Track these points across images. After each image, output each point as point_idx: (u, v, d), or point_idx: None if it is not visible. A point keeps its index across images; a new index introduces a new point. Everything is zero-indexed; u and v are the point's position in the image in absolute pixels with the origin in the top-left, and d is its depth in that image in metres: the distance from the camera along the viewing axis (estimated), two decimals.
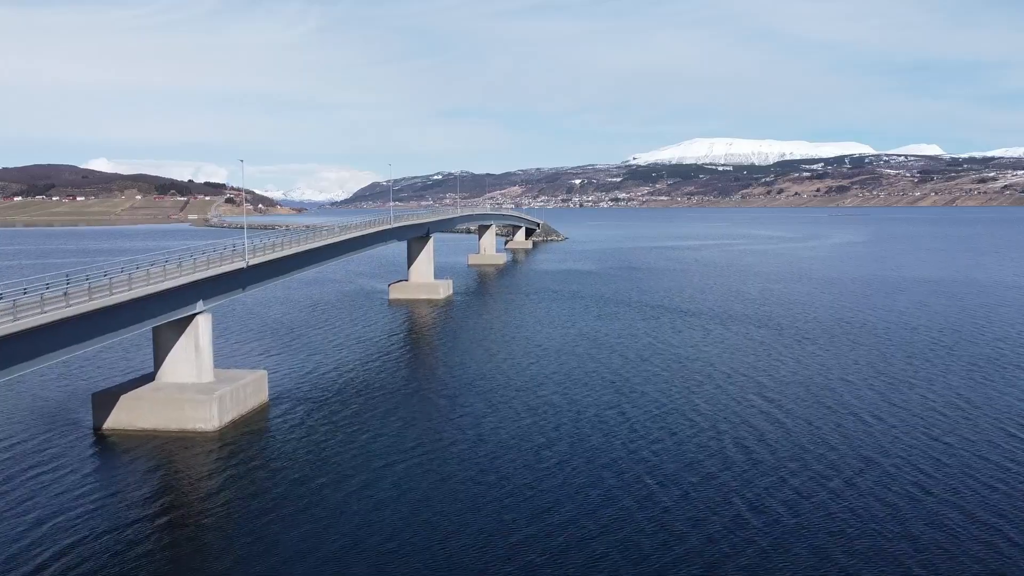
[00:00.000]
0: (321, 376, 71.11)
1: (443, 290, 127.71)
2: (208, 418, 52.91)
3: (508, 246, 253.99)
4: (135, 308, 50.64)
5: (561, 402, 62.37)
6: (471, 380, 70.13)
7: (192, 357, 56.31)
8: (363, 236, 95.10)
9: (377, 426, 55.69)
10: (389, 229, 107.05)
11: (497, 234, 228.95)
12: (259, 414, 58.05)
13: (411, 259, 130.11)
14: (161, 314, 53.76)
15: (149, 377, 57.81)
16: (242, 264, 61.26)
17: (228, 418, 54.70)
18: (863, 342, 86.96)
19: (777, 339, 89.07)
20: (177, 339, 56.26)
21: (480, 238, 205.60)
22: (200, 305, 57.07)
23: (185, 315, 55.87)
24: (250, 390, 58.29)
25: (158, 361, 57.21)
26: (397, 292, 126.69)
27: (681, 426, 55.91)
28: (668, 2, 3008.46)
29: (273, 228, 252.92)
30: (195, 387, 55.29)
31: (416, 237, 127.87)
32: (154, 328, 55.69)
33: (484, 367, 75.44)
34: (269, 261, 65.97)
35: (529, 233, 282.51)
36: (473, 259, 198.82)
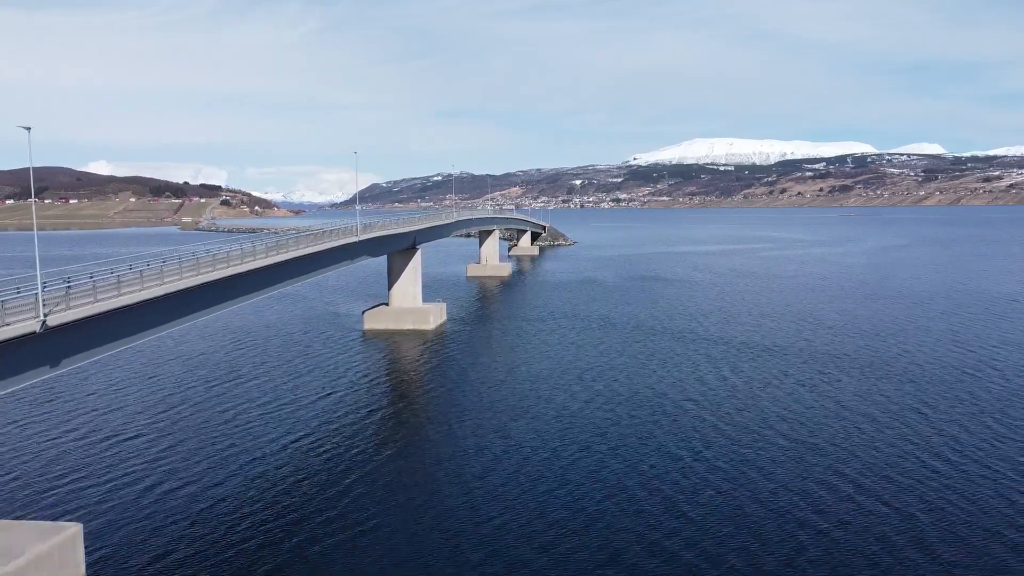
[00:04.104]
0: (204, 501, 42.48)
1: (434, 317, 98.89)
2: None
3: (512, 252, 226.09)
4: None
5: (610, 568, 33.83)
6: (462, 513, 41.52)
7: None
8: (311, 256, 64.83)
9: None
10: (355, 243, 77.46)
11: (501, 238, 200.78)
12: None
13: (393, 277, 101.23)
14: None
15: None
16: (34, 325, 32.59)
17: None
18: None
19: (922, 403, 60.32)
20: None
21: (481, 245, 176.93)
22: None
23: None
24: None
25: None
26: (374, 321, 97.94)
27: None
28: (668, 2, 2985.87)
29: (262, 231, 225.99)
30: None
31: (399, 249, 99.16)
32: None
33: (483, 466, 46.84)
34: (99, 315, 36.95)
35: (534, 237, 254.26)
36: (473, 270, 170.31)
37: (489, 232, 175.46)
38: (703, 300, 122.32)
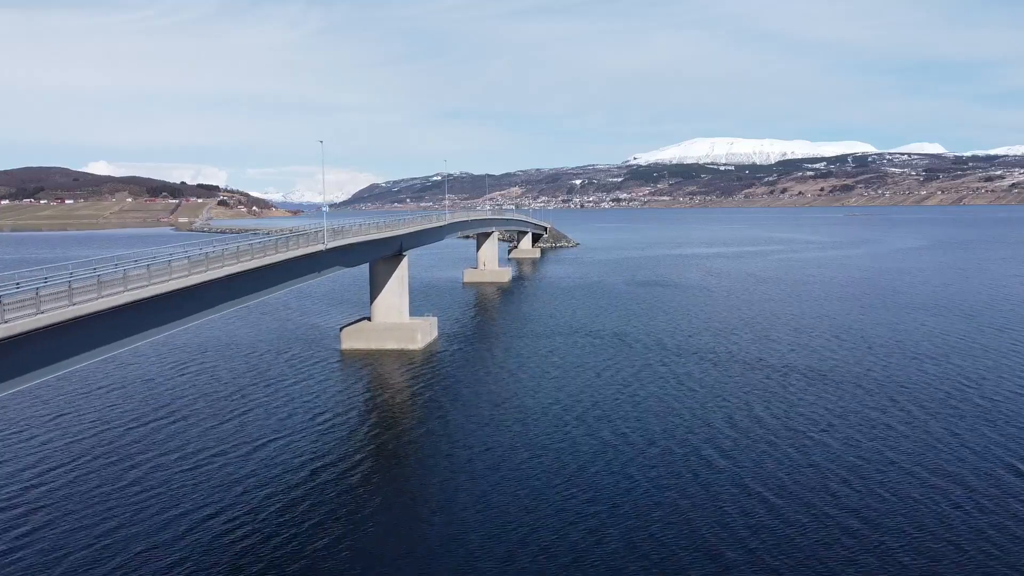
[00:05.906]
0: None
1: (422, 334, 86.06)
2: None
3: (512, 255, 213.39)
4: None
5: None
6: None
7: None
8: (257, 271, 51.38)
9: None
10: (321, 253, 64.23)
11: (500, 239, 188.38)
12: None
13: (375, 288, 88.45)
14: None
15: None
16: None
17: None
18: None
19: (1020, 459, 47.62)
20: None
21: (479, 248, 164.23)
22: None
23: None
24: None
25: None
26: (353, 339, 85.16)
27: None
28: (668, 2, 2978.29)
29: (256, 232, 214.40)
30: None
31: (383, 257, 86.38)
32: None
33: (477, 552, 34.09)
34: None
35: (536, 239, 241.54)
36: (470, 275, 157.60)
37: (488, 234, 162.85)
38: (725, 311, 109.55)
